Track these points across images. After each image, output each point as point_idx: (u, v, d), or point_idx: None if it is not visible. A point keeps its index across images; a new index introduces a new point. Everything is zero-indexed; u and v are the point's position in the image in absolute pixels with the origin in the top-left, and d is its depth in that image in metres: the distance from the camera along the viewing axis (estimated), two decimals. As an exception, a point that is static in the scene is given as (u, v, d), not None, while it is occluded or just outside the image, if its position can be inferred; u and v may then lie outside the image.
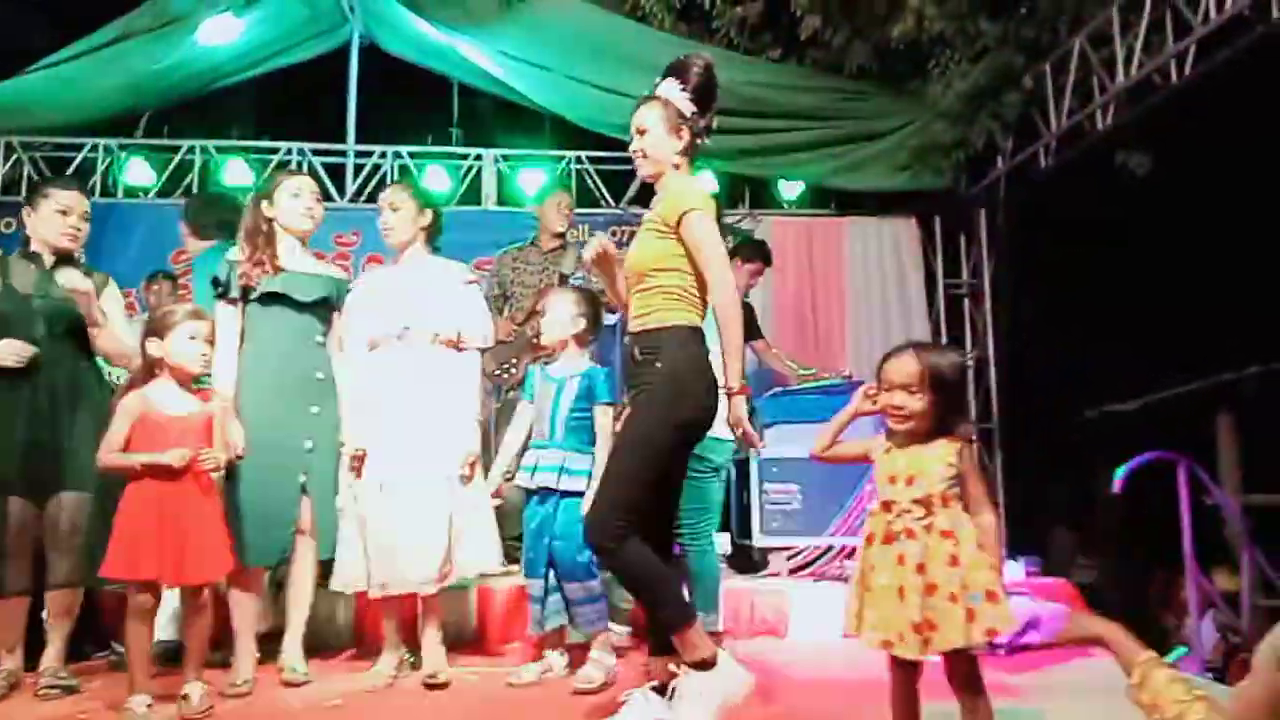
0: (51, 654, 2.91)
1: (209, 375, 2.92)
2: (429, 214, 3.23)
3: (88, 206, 3.16)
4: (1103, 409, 5.14)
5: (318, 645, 3.31)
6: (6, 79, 5.86)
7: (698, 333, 2.46)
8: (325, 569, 3.17)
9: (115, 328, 3.09)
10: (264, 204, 3.11)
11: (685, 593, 2.69)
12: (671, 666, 2.36)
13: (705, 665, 2.29)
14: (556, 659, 3.14)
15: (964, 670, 2.10)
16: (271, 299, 3.07)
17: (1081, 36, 5.08)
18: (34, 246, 3.08)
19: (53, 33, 5.98)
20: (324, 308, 3.15)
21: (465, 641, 3.58)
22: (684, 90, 2.52)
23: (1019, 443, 6.09)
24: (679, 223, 2.42)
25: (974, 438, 2.06)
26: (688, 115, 2.52)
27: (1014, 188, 5.99)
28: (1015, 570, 4.30)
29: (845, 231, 6.41)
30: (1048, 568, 4.53)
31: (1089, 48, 5.04)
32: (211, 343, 2.80)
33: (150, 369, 2.72)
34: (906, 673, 2.14)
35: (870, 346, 6.17)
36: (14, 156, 6.12)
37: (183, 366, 2.70)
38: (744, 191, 6.53)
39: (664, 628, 2.36)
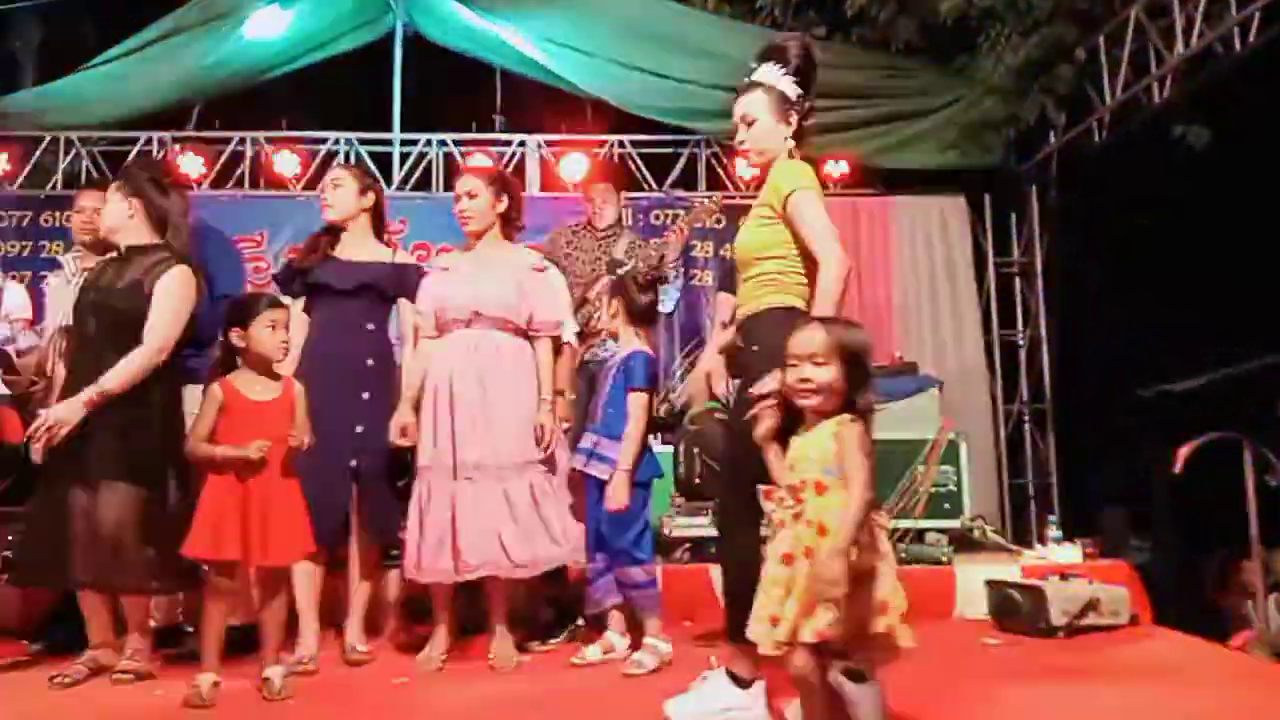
0: (131, 640, 2.93)
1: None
2: (505, 200, 3.25)
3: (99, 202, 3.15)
4: (1159, 388, 5.05)
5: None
6: (63, 77, 6.03)
7: (793, 312, 2.34)
8: (383, 551, 3.24)
9: (152, 316, 2.90)
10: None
11: None
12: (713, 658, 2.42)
13: (741, 682, 2.35)
14: (618, 639, 3.13)
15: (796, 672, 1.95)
16: (320, 289, 3.16)
17: (1137, 7, 4.94)
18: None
19: (101, 33, 6.12)
20: (370, 294, 3.19)
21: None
22: (785, 73, 2.44)
23: (1073, 423, 6.00)
24: (784, 205, 2.36)
25: (872, 410, 1.91)
26: (793, 99, 2.44)
27: (1067, 163, 5.87)
28: (1073, 553, 4.25)
29: (892, 211, 6.34)
30: (1104, 549, 4.47)
31: (1145, 18, 4.91)
32: (288, 330, 2.86)
33: (230, 357, 2.78)
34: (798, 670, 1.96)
35: (920, 327, 6.12)
36: (73, 151, 6.28)
37: (264, 354, 2.76)
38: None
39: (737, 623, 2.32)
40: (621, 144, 6.45)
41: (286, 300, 3.07)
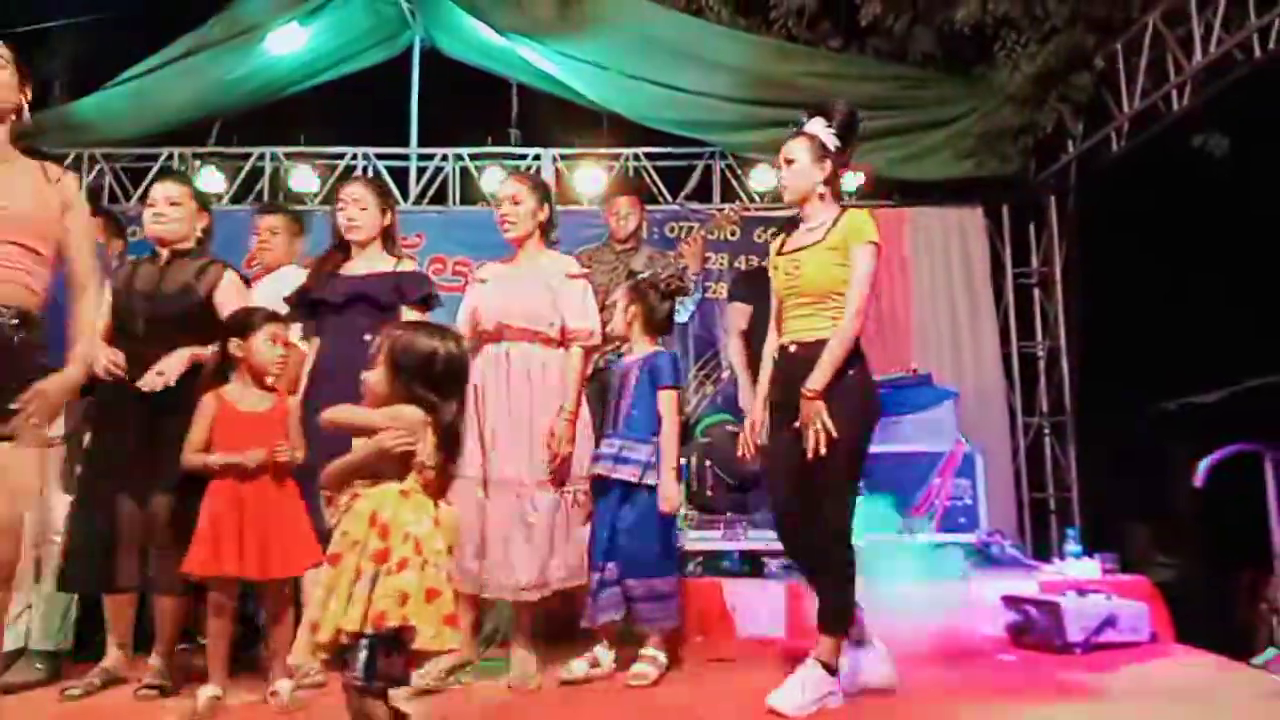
0: (157, 652, 2.92)
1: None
2: (546, 209, 3.27)
3: (174, 192, 3.13)
4: (1182, 400, 4.96)
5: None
6: (85, 95, 6.14)
7: (857, 339, 2.77)
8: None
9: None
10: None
11: None
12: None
13: (830, 669, 2.68)
14: (604, 654, 3.09)
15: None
16: (320, 305, 3.19)
17: (1155, 14, 4.89)
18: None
19: (128, 51, 6.22)
20: (366, 305, 3.15)
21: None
22: (829, 127, 2.85)
23: (1094, 436, 5.91)
24: (853, 247, 2.74)
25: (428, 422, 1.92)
26: (831, 149, 2.85)
27: (1085, 173, 5.80)
28: (1091, 568, 4.18)
29: (908, 223, 6.29)
30: (1125, 565, 4.39)
31: (1163, 25, 4.85)
32: (289, 345, 2.91)
33: (223, 368, 2.80)
34: None
35: (938, 339, 6.06)
36: (97, 167, 6.39)
37: (261, 366, 2.79)
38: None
39: (836, 620, 2.71)
40: (636, 157, 6.46)
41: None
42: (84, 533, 2.91)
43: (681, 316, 4.27)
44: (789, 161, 2.89)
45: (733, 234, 6.11)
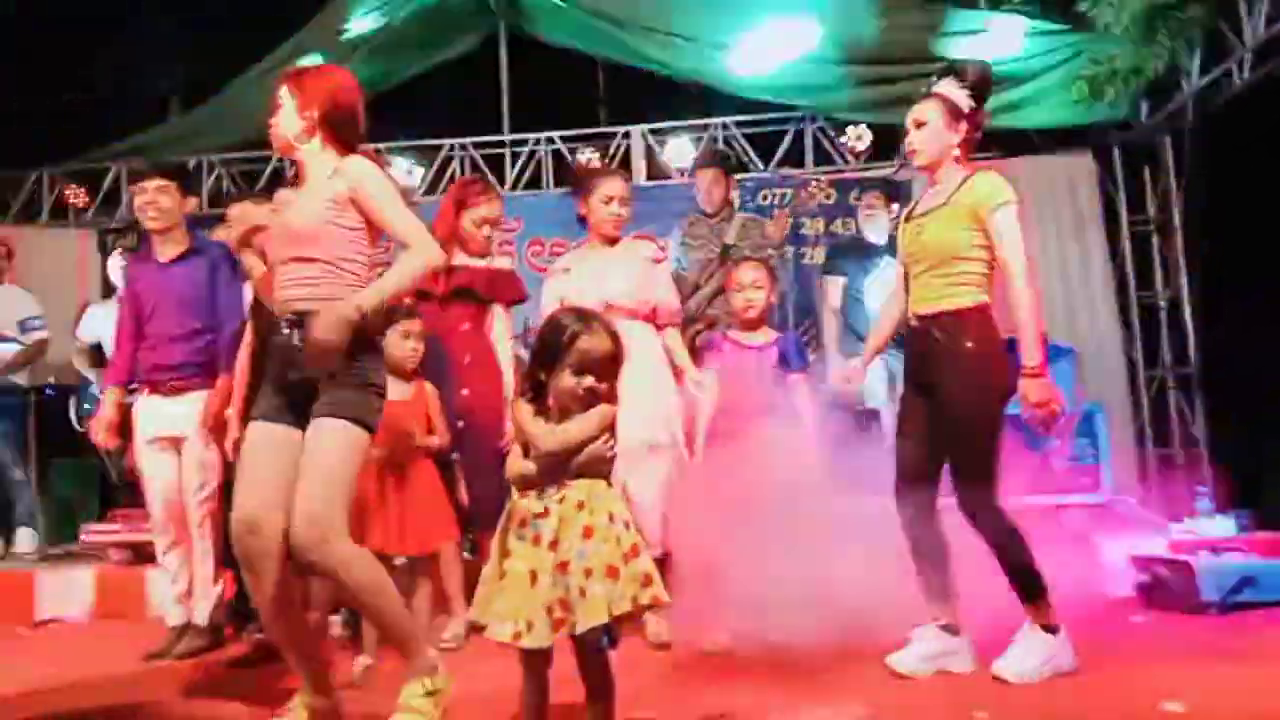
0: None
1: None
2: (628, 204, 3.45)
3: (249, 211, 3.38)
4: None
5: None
6: (199, 105, 6.50)
7: (988, 309, 2.70)
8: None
9: None
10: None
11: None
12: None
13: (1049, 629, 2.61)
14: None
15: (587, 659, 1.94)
16: (423, 297, 3.34)
17: (1279, -67, 4.57)
18: None
19: (236, 61, 6.56)
20: (466, 297, 3.40)
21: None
22: (962, 86, 2.73)
23: (1223, 388, 5.62)
24: (989, 214, 2.64)
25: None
26: (965, 110, 2.73)
27: (1204, 111, 5.48)
28: (1227, 525, 4.02)
29: (1013, 174, 6.00)
30: (1266, 522, 4.19)
31: (1288, -55, 4.53)
32: (421, 339, 3.08)
33: None
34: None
35: (1050, 295, 5.83)
36: (215, 172, 6.77)
37: (398, 362, 2.95)
38: (897, 143, 6.29)
39: (1025, 586, 2.63)
40: (725, 126, 6.42)
41: None
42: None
43: None
44: (919, 124, 2.77)
45: (827, 198, 6.02)
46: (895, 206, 4.67)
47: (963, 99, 2.72)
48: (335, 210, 2.30)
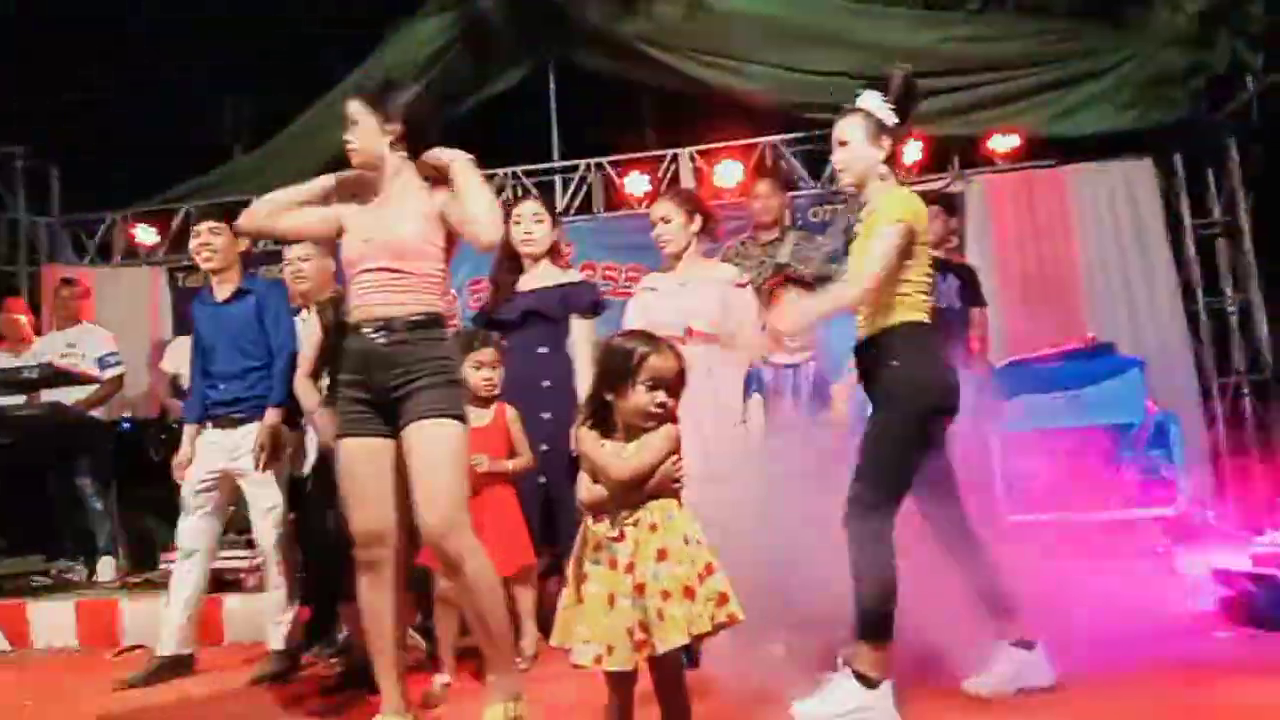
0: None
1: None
2: (699, 220, 3.38)
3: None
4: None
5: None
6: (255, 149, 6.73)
7: (921, 326, 2.54)
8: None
9: None
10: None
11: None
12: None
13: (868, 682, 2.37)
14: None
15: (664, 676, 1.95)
16: (499, 325, 3.43)
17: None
18: None
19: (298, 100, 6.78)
20: (537, 320, 3.42)
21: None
22: (885, 100, 2.57)
23: (1301, 394, 5.44)
24: (880, 229, 2.50)
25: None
26: (889, 125, 2.57)
27: (1271, 109, 5.34)
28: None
29: (1069, 182, 5.96)
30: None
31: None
32: (495, 368, 3.14)
33: None
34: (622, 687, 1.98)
35: (1112, 303, 5.72)
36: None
37: (472, 390, 3.02)
38: (949, 154, 6.23)
39: (866, 618, 2.42)
40: (774, 146, 6.42)
41: None
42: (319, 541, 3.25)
43: None
44: (841, 143, 2.60)
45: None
46: (953, 220, 4.62)
47: (886, 114, 2.56)
48: (430, 227, 2.45)
